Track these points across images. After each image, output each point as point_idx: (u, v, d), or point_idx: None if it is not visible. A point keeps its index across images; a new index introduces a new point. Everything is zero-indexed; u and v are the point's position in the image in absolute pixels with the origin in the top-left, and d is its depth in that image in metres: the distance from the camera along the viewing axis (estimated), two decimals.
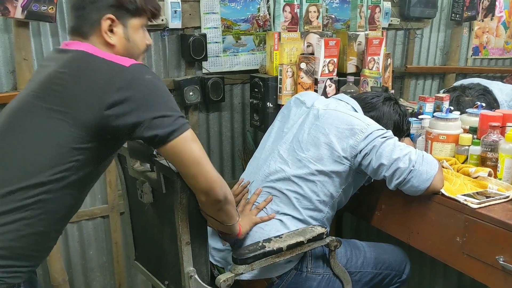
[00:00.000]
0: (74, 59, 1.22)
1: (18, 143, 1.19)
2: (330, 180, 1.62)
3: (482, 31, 3.46)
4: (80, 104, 1.16)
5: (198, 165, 1.21)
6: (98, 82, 1.17)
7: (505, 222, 1.41)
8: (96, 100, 1.15)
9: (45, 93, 1.19)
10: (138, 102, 1.16)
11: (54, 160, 1.17)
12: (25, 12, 1.93)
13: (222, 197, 1.28)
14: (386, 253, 1.79)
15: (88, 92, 1.16)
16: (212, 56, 2.48)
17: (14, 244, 1.18)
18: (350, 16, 2.56)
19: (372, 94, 1.87)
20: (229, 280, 1.41)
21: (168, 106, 1.20)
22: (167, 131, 1.18)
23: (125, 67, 1.19)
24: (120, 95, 1.15)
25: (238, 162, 2.73)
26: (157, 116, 1.17)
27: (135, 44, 1.33)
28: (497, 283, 1.45)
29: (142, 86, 1.18)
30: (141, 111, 1.17)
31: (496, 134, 1.75)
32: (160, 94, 1.20)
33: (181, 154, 1.21)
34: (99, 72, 1.18)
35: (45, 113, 1.18)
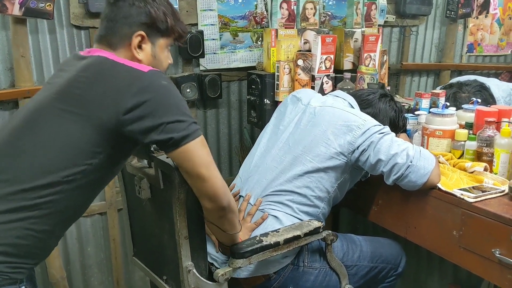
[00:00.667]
0: (95, 64, 1.26)
1: (33, 143, 1.21)
2: (326, 175, 1.63)
3: (477, 28, 3.48)
4: (98, 107, 1.19)
5: (207, 169, 1.24)
6: (117, 86, 1.20)
7: (501, 215, 1.43)
8: (114, 104, 1.18)
9: (64, 96, 1.23)
10: (154, 106, 1.19)
11: (68, 162, 1.20)
12: (23, 9, 1.93)
13: (226, 204, 1.29)
14: (382, 247, 1.80)
15: (106, 96, 1.19)
16: (209, 53, 2.49)
17: (20, 242, 1.20)
18: (346, 13, 2.57)
19: (368, 91, 1.89)
20: (227, 274, 1.43)
21: (183, 112, 1.23)
22: (181, 135, 1.21)
23: (144, 72, 1.22)
24: (137, 99, 1.18)
25: (235, 158, 2.74)
26: (172, 121, 1.20)
27: (160, 62, 1.37)
28: (494, 275, 1.47)
29: (159, 91, 1.21)
30: (157, 115, 1.19)
31: (492, 129, 1.76)
32: (175, 100, 1.23)
33: (192, 158, 1.23)
34: (119, 77, 1.21)
35: (62, 115, 1.21)
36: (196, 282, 1.41)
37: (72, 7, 2.16)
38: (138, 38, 1.31)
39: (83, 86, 1.22)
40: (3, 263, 1.19)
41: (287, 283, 1.62)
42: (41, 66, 2.16)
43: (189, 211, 1.37)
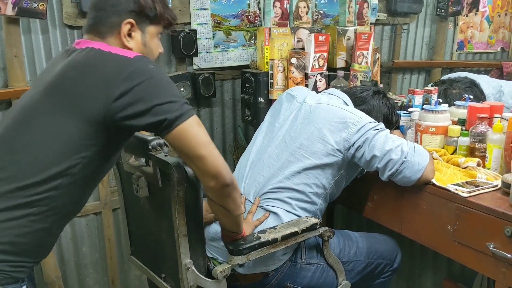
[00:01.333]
0: (82, 57, 1.25)
1: (27, 140, 1.21)
2: (322, 172, 1.65)
3: (467, 26, 3.51)
4: (88, 99, 1.18)
5: (206, 148, 1.23)
6: (104, 76, 1.19)
7: (495, 209, 1.45)
8: (103, 93, 1.18)
9: (54, 91, 1.22)
10: (144, 90, 1.19)
11: (62, 157, 1.19)
12: (16, 8, 1.92)
13: (230, 180, 1.27)
14: (378, 243, 1.82)
15: (95, 86, 1.19)
16: (202, 52, 2.49)
17: (19, 240, 1.20)
18: (339, 12, 2.59)
19: (362, 88, 1.90)
20: (225, 271, 1.43)
21: (173, 93, 1.23)
22: (174, 115, 1.20)
23: (130, 58, 1.22)
24: (126, 85, 1.17)
25: (230, 157, 2.75)
26: (164, 102, 1.19)
27: (150, 50, 1.37)
28: (488, 268, 1.49)
29: (147, 75, 1.20)
30: (148, 98, 1.19)
31: (484, 125, 1.79)
32: (164, 82, 1.23)
33: (189, 138, 1.22)
34: (105, 66, 1.21)
35: (53, 111, 1.20)
36: (195, 280, 1.42)
37: (65, 7, 2.15)
38: (128, 26, 1.30)
39: (71, 79, 1.22)
40: (3, 261, 1.19)
41: (285, 279, 1.63)
42: (34, 66, 2.15)
43: (188, 208, 1.38)
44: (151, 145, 1.42)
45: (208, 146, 1.23)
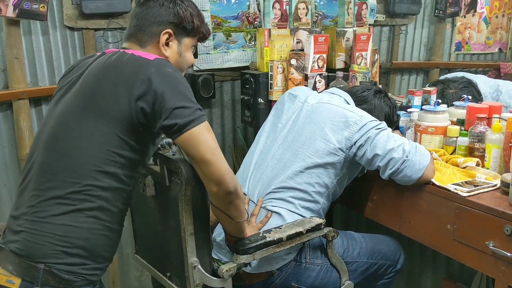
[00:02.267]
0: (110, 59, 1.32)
1: (70, 145, 1.28)
2: (325, 171, 1.66)
3: (465, 27, 3.53)
4: (116, 99, 1.25)
5: (213, 154, 1.26)
6: (126, 75, 1.26)
7: (494, 208, 1.46)
8: (126, 92, 1.25)
9: (86, 94, 1.29)
10: (160, 92, 1.23)
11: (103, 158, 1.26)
12: (16, 10, 1.93)
13: (233, 188, 1.30)
14: (381, 244, 1.83)
15: (118, 86, 1.26)
16: (202, 54, 2.50)
17: (90, 242, 1.27)
18: (338, 13, 2.60)
19: (363, 87, 1.92)
20: (231, 270, 1.44)
21: (188, 98, 1.27)
22: (186, 120, 1.24)
23: (150, 60, 1.28)
24: (144, 86, 1.24)
25: (229, 158, 2.75)
26: (178, 107, 1.24)
27: (184, 60, 1.46)
28: (488, 267, 1.50)
29: (164, 78, 1.25)
30: (164, 101, 1.24)
31: (483, 125, 1.80)
32: (181, 86, 1.27)
33: (197, 143, 1.25)
34: (126, 67, 1.28)
35: (88, 114, 1.27)
36: (201, 278, 1.43)
37: (66, 9, 2.17)
38: (166, 35, 1.39)
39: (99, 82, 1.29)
40: (79, 265, 1.26)
41: (290, 279, 1.64)
42: (34, 68, 2.15)
43: (195, 207, 1.39)
44: (160, 144, 1.44)
45: (214, 153, 1.26)
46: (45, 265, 1.23)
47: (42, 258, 1.24)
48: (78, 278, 1.26)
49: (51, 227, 1.25)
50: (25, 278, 1.24)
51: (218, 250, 1.68)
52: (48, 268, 1.23)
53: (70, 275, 1.25)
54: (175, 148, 1.44)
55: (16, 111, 2.09)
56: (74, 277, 1.26)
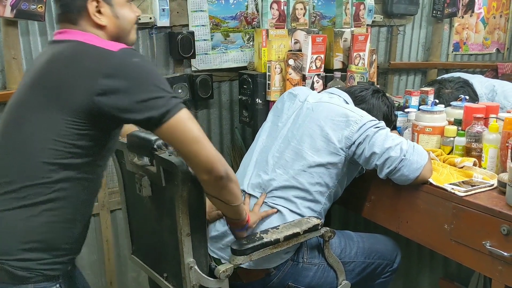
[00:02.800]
0: (65, 49, 1.24)
1: (22, 139, 1.21)
2: (326, 171, 1.66)
3: (462, 27, 3.54)
4: (72, 90, 1.17)
5: (197, 143, 1.22)
6: (87, 68, 1.18)
7: (491, 208, 1.47)
8: (86, 86, 1.16)
9: (39, 86, 1.21)
10: (127, 86, 1.17)
11: (59, 151, 1.19)
12: (14, 11, 1.93)
13: (224, 173, 1.27)
14: (378, 243, 1.84)
15: (78, 78, 1.17)
16: (200, 54, 2.50)
17: (48, 235, 1.22)
18: (335, 13, 2.61)
19: (361, 87, 1.92)
20: (228, 271, 1.45)
21: (159, 88, 1.19)
22: (161, 112, 1.18)
23: (113, 52, 1.19)
24: (109, 81, 1.16)
25: (227, 158, 2.76)
26: (149, 98, 1.17)
27: (124, 19, 1.33)
28: (485, 267, 1.51)
29: (131, 70, 1.18)
30: (132, 95, 1.17)
31: (480, 125, 1.81)
32: (150, 76, 1.20)
33: (178, 134, 1.21)
34: (88, 59, 1.19)
35: (39, 106, 1.20)
36: (198, 279, 1.43)
37: None
38: (93, 3, 1.28)
39: (54, 73, 1.21)
40: (35, 260, 1.20)
41: (287, 278, 1.64)
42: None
43: (191, 208, 1.38)
44: (156, 144, 1.43)
45: (198, 141, 1.22)
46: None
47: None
48: (33, 274, 1.21)
49: (4, 222, 1.20)
50: None
51: (214, 246, 1.68)
52: (1, 265, 1.19)
53: (24, 272, 1.20)
54: (171, 149, 1.43)
55: None
56: (28, 273, 1.21)
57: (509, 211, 1.43)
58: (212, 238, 1.69)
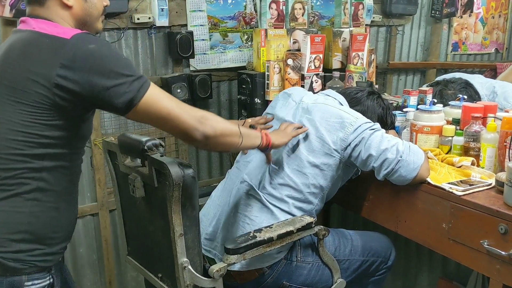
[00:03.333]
0: (21, 39, 1.22)
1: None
2: (321, 173, 1.66)
3: (461, 27, 3.54)
4: (29, 84, 1.16)
5: (169, 120, 1.22)
6: (42, 59, 1.16)
7: (489, 207, 1.46)
8: (42, 78, 1.15)
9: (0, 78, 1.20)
10: (85, 76, 1.14)
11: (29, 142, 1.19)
12: (13, 10, 1.94)
13: (202, 136, 1.26)
14: (372, 241, 1.84)
15: (34, 70, 1.16)
16: (199, 54, 2.50)
17: (33, 226, 1.22)
18: (334, 13, 2.61)
19: (356, 89, 1.92)
20: (221, 270, 1.44)
21: (119, 73, 1.17)
22: (125, 99, 1.17)
23: (67, 40, 1.16)
24: (66, 72, 1.14)
25: (226, 158, 2.76)
26: (110, 86, 1.16)
27: (92, 5, 1.32)
28: (483, 266, 1.50)
29: (86, 58, 1.15)
30: (91, 85, 1.15)
31: (478, 124, 1.80)
32: (107, 61, 1.17)
33: (149, 116, 1.21)
34: (42, 48, 1.17)
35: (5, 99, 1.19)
36: (192, 278, 1.43)
37: None
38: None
39: (11, 65, 1.19)
40: (24, 251, 1.21)
41: (281, 277, 1.64)
42: None
43: (184, 208, 1.38)
44: (147, 145, 1.43)
45: (169, 118, 1.22)
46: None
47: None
48: (26, 265, 1.21)
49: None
50: None
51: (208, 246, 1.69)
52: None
53: (16, 263, 1.20)
54: (162, 150, 1.44)
55: None
56: (21, 264, 1.21)
57: (507, 210, 1.43)
58: (206, 237, 1.69)
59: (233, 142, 1.37)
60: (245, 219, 1.66)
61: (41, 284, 1.24)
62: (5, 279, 1.20)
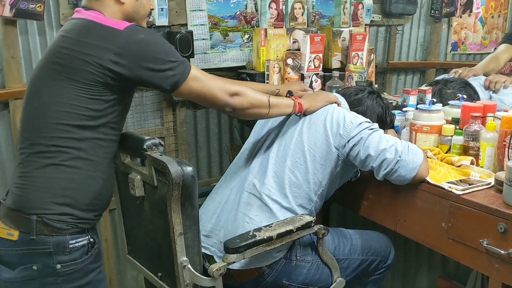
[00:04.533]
0: (76, 25, 1.38)
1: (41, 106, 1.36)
2: (320, 167, 1.66)
3: (461, 27, 3.54)
4: (82, 64, 1.31)
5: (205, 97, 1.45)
6: (95, 44, 1.31)
7: (488, 206, 1.47)
8: (94, 60, 1.31)
9: (53, 57, 1.36)
10: (134, 62, 1.32)
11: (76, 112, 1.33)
12: (13, 10, 1.94)
13: (230, 109, 1.50)
14: (371, 240, 1.84)
15: (86, 53, 1.31)
16: (199, 53, 2.50)
17: (73, 192, 1.36)
18: (334, 13, 2.61)
19: (356, 89, 1.91)
20: (221, 269, 1.45)
21: (165, 60, 1.36)
22: (171, 82, 1.37)
23: (120, 31, 1.33)
24: (118, 58, 1.31)
25: (226, 157, 2.76)
26: (158, 70, 1.34)
27: (142, 5, 1.49)
28: (482, 265, 1.51)
29: (137, 47, 1.33)
30: (140, 70, 1.33)
31: (478, 124, 1.81)
32: (155, 50, 1.35)
33: (189, 94, 1.43)
34: (96, 36, 1.33)
35: (55, 75, 1.34)
36: (191, 278, 1.44)
37: (62, 8, 2.17)
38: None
39: (67, 46, 1.34)
40: (66, 214, 1.36)
41: (280, 276, 1.65)
42: (31, 67, 2.16)
43: (183, 207, 1.39)
44: (146, 145, 1.44)
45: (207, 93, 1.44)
46: (37, 216, 1.33)
47: (33, 210, 1.34)
48: (69, 226, 1.36)
49: (36, 180, 1.35)
50: (21, 229, 1.34)
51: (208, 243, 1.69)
52: (40, 218, 1.33)
53: (61, 224, 1.35)
54: (162, 149, 1.46)
55: (13, 110, 2.10)
56: (65, 225, 1.35)
57: (506, 209, 1.43)
58: (204, 233, 1.70)
59: (261, 112, 1.58)
60: (244, 218, 1.66)
61: (83, 242, 1.39)
62: (51, 238, 1.34)
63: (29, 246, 1.34)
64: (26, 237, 1.33)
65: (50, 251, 1.34)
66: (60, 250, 1.35)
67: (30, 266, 1.34)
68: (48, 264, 1.35)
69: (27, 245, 1.34)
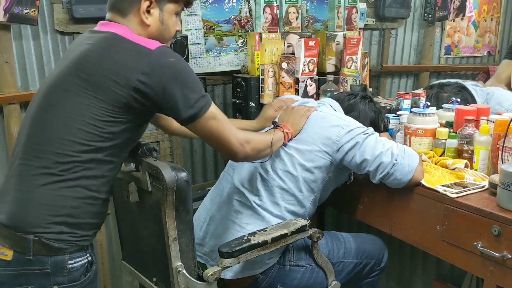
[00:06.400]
0: (105, 39, 1.32)
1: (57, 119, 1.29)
2: (312, 175, 1.66)
3: (454, 31, 3.57)
4: (109, 82, 1.26)
5: (217, 140, 1.40)
6: (125, 63, 1.27)
7: (482, 209, 1.47)
8: (123, 80, 1.26)
9: (77, 70, 1.29)
10: (161, 84, 1.27)
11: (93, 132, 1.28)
12: (7, 15, 1.93)
13: (242, 157, 1.45)
14: (365, 243, 1.84)
15: (115, 71, 1.26)
16: (194, 58, 2.50)
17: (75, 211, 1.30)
18: (328, 17, 2.62)
19: (349, 94, 1.91)
20: (216, 274, 1.45)
21: (190, 89, 1.31)
22: (190, 113, 1.32)
23: (151, 51, 1.28)
24: (146, 78, 1.26)
25: (221, 161, 2.76)
26: (181, 99, 1.30)
27: (167, 27, 1.43)
28: (476, 268, 1.51)
29: (166, 70, 1.28)
30: (164, 93, 1.28)
31: (471, 127, 1.82)
32: (183, 76, 1.31)
33: (202, 131, 1.38)
34: (127, 54, 1.29)
35: (77, 89, 1.27)
36: (186, 282, 1.43)
37: (56, 13, 2.16)
38: (147, 2, 1.37)
39: (93, 60, 1.28)
40: (66, 233, 1.29)
41: (275, 282, 1.65)
42: (25, 72, 2.15)
43: (178, 212, 1.39)
44: (141, 150, 1.44)
45: (221, 136, 1.39)
46: (34, 235, 1.26)
47: (30, 228, 1.26)
48: (68, 245, 1.29)
49: (37, 196, 1.27)
50: (16, 249, 1.27)
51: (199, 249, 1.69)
52: (38, 238, 1.26)
53: (60, 243, 1.28)
54: (156, 154, 1.45)
55: (7, 115, 2.09)
56: (64, 244, 1.29)
57: (500, 212, 1.44)
58: (196, 241, 1.69)
59: (266, 154, 1.57)
60: (234, 226, 1.66)
61: (82, 262, 1.33)
62: (49, 258, 1.28)
63: (25, 266, 1.27)
64: (22, 257, 1.26)
65: (48, 272, 1.28)
66: (58, 271, 1.29)
67: (25, 287, 1.28)
68: (44, 285, 1.28)
69: (23, 265, 1.26)
